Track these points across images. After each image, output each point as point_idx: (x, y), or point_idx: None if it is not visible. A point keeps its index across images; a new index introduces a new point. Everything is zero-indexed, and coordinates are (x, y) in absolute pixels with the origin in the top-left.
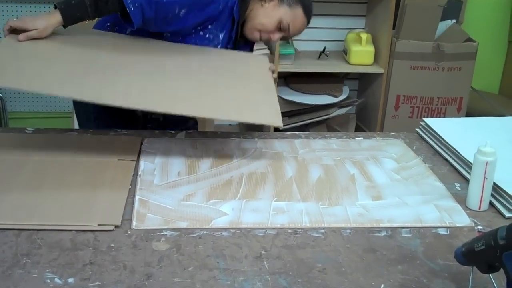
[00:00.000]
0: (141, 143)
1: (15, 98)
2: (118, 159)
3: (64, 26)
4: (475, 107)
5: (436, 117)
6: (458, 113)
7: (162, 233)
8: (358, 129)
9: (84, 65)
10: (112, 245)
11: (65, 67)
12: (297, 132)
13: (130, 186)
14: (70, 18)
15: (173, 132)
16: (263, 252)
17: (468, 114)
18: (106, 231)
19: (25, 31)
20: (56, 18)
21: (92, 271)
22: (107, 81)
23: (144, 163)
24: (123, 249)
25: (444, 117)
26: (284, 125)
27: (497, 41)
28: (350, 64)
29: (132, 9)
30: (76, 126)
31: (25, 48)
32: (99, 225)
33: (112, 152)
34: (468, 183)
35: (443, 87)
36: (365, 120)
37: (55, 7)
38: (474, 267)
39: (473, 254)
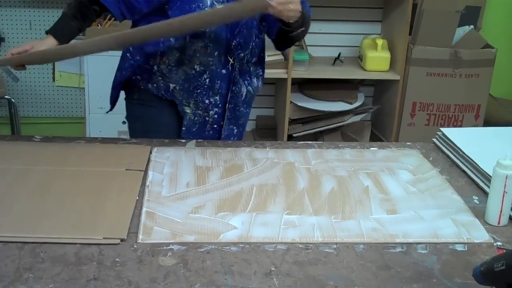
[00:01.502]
0: (150, 152)
1: (27, 104)
2: (126, 169)
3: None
4: (493, 114)
5: (453, 124)
6: (475, 120)
7: (169, 247)
8: (373, 136)
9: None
10: (117, 259)
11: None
12: (310, 142)
13: (137, 198)
14: (60, 33)
15: (183, 141)
16: (273, 268)
17: (486, 122)
18: (112, 245)
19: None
20: (49, 39)
21: (96, 286)
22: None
23: (153, 174)
24: (128, 264)
25: (461, 125)
26: (298, 132)
27: None
28: (365, 70)
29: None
30: (88, 132)
31: None
32: (104, 238)
33: (120, 161)
34: (487, 197)
35: (460, 94)
36: (380, 128)
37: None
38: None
39: (493, 274)
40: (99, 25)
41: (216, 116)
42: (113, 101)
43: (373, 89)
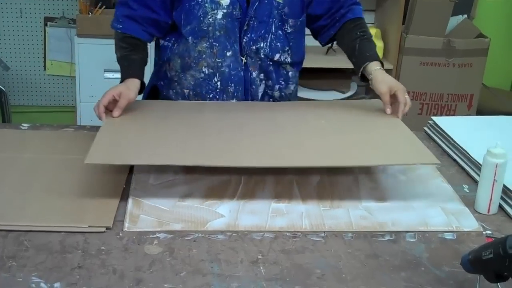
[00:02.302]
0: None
1: (18, 92)
2: None
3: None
4: (486, 104)
5: (445, 114)
6: (468, 110)
7: (155, 236)
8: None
9: (194, 131)
10: (103, 248)
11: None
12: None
13: (124, 186)
14: (132, 72)
15: None
16: (259, 256)
17: (478, 112)
18: (97, 233)
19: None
20: (128, 81)
21: (80, 275)
22: (228, 145)
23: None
24: (113, 253)
25: (454, 114)
26: None
27: (509, 36)
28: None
29: (121, 26)
30: (79, 121)
31: (133, 127)
32: (89, 226)
33: None
34: (477, 185)
35: (453, 83)
36: None
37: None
38: (482, 276)
39: (481, 262)
40: (90, 13)
41: None
42: None
43: None
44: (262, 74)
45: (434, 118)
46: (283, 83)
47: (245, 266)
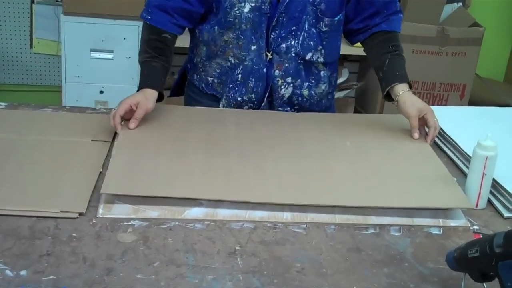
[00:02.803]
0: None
1: (3, 70)
2: (92, 140)
3: (160, 93)
4: (479, 94)
5: (437, 103)
6: (460, 100)
7: (129, 223)
8: (357, 113)
9: (215, 159)
10: (74, 234)
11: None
12: (285, 112)
13: (101, 170)
14: (151, 82)
15: None
16: (237, 247)
17: (471, 102)
18: (69, 219)
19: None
20: (146, 91)
21: (48, 263)
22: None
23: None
24: (85, 240)
25: (446, 104)
26: None
27: (504, 26)
28: (350, 45)
29: (149, 17)
30: (64, 101)
31: (149, 146)
32: (61, 211)
33: (86, 131)
34: (466, 179)
35: (446, 72)
36: (364, 105)
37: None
38: (467, 274)
39: (466, 260)
40: None
41: None
42: (173, 88)
43: (358, 65)
44: (289, 77)
45: None
46: (313, 81)
47: (222, 257)
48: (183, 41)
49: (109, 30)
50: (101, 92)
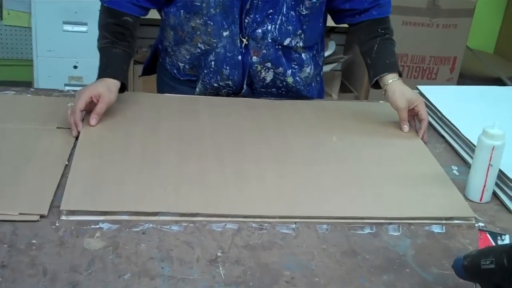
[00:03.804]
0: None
1: None
2: (57, 127)
3: (122, 84)
4: (469, 67)
5: (427, 77)
6: (451, 73)
7: (97, 226)
8: (344, 87)
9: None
10: (34, 241)
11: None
12: (264, 100)
13: (67, 162)
14: (112, 70)
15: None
16: (219, 254)
17: (461, 75)
18: (29, 222)
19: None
20: (108, 81)
21: (3, 277)
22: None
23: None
24: (46, 247)
25: (436, 78)
26: None
27: None
28: None
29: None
30: (36, 77)
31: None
32: (20, 214)
33: (51, 117)
34: (468, 168)
35: (436, 45)
36: (351, 79)
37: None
38: (477, 284)
39: (478, 271)
40: None
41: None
42: (145, 67)
43: (345, 37)
44: (269, 63)
45: (419, 87)
46: (296, 66)
47: (202, 266)
48: (155, 12)
49: (83, 1)
50: (75, 67)
